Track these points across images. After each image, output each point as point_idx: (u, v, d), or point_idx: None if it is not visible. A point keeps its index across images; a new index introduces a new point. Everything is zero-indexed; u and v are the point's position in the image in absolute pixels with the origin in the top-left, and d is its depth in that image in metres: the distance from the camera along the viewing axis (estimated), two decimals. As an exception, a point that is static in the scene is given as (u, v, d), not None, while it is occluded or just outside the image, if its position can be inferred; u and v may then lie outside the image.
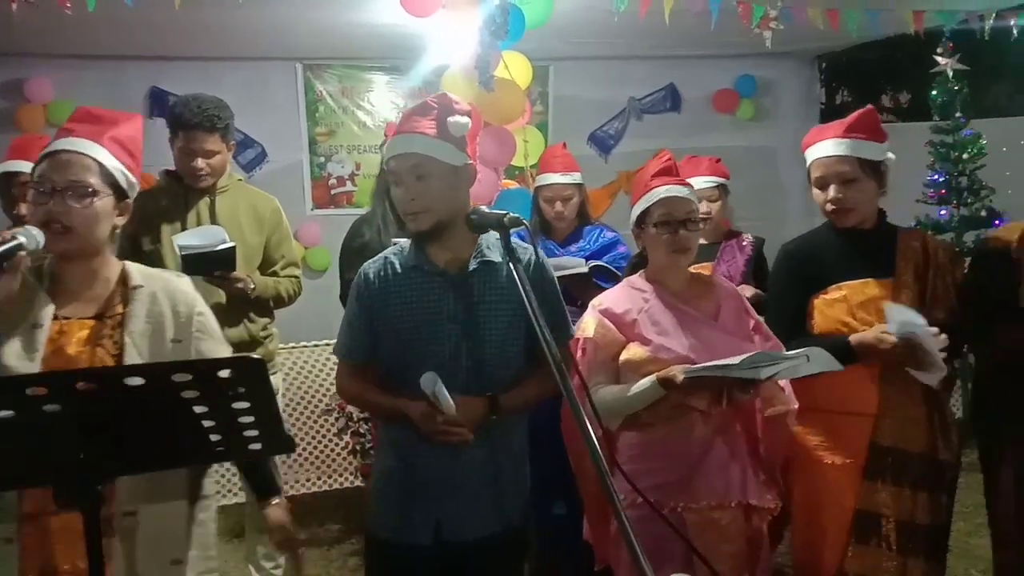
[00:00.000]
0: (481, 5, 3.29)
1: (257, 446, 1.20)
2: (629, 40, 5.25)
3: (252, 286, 2.85)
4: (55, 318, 1.58)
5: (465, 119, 1.88)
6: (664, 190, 2.09)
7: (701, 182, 3.26)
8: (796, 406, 2.13)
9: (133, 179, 1.68)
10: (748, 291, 3.06)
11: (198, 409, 1.11)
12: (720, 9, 4.05)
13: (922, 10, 4.64)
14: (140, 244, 2.81)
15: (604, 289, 2.50)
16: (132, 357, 1.59)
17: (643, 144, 6.26)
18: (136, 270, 1.70)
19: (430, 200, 1.85)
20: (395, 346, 1.92)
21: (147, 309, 1.65)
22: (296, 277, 3.08)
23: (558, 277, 2.87)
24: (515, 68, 3.70)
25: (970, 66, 5.14)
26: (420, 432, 1.83)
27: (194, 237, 2.67)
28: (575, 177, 3.21)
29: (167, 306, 1.68)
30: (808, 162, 2.26)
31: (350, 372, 2.03)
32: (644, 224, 2.12)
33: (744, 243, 3.31)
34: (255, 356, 1.14)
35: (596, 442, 1.22)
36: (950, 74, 4.90)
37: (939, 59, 4.92)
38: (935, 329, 2.02)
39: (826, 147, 2.20)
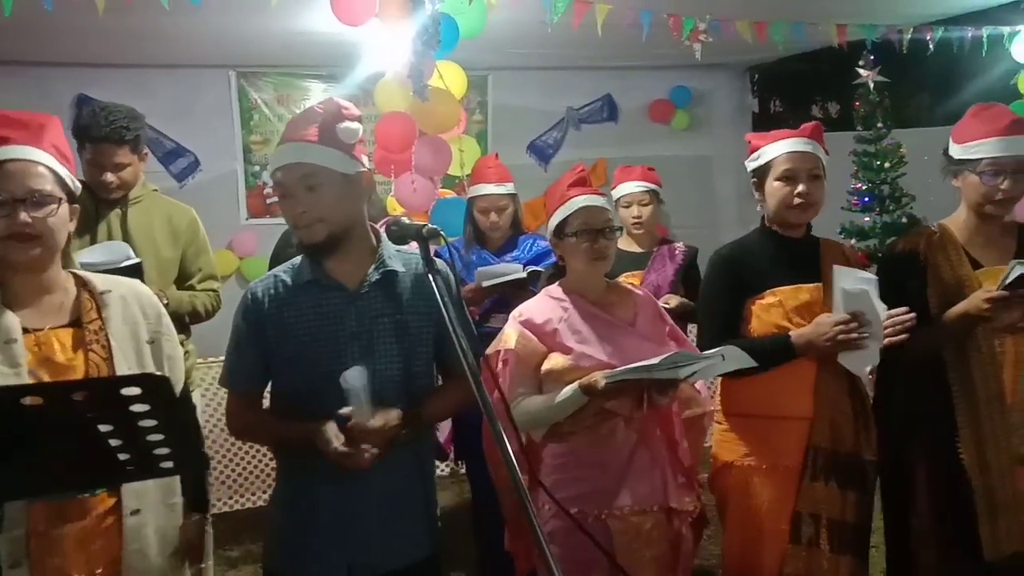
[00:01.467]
0: (413, 15, 3.29)
1: (169, 464, 1.18)
2: (566, 50, 5.31)
3: (165, 301, 2.74)
4: (24, 330, 1.54)
5: (356, 125, 1.79)
6: (583, 199, 2.12)
7: (633, 186, 3.32)
8: (711, 408, 2.18)
9: (76, 183, 1.65)
10: (674, 300, 3.10)
11: (103, 428, 1.09)
12: (651, 21, 4.14)
13: (845, 23, 4.82)
14: None
15: None
16: (120, 360, 1.59)
17: (581, 153, 6.34)
18: (92, 276, 1.69)
19: (322, 210, 1.74)
20: (293, 369, 1.80)
21: (122, 313, 1.64)
22: (214, 291, 2.97)
23: (497, 284, 2.92)
24: (450, 78, 3.72)
25: (892, 78, 5.34)
26: (326, 457, 1.69)
27: (97, 254, 2.53)
28: (509, 187, 3.22)
29: (137, 309, 1.67)
30: (769, 158, 2.26)
31: (241, 403, 1.89)
32: (563, 233, 2.13)
33: (676, 252, 3.35)
34: (159, 373, 1.12)
35: (511, 454, 1.23)
36: (871, 86, 5.08)
37: (861, 71, 5.10)
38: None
39: (796, 143, 2.25)
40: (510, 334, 2.09)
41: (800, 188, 2.20)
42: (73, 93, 4.92)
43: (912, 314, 2.09)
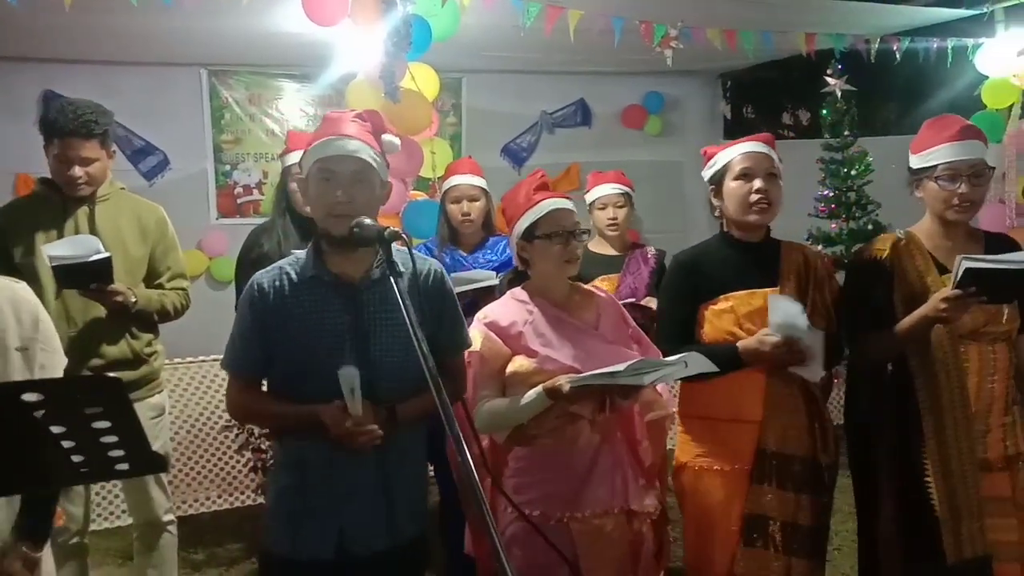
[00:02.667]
0: (385, 17, 3.28)
1: (124, 466, 1.16)
2: (539, 55, 5.34)
3: (133, 299, 2.71)
4: None
5: (397, 140, 1.94)
6: (551, 203, 2.14)
7: (608, 188, 3.36)
8: (673, 410, 2.20)
9: None
10: (655, 302, 3.12)
11: (56, 430, 1.08)
12: (623, 28, 4.17)
13: (813, 32, 4.89)
14: (11, 256, 2.66)
15: None
16: None
17: (555, 157, 6.38)
18: None
19: (361, 206, 1.82)
20: (291, 360, 1.88)
21: None
22: (183, 290, 2.95)
23: (468, 290, 2.92)
24: (422, 80, 3.71)
25: (859, 88, 5.42)
26: (329, 436, 1.78)
27: (65, 247, 2.52)
28: (481, 181, 3.23)
29: (10, 314, 1.64)
30: (725, 161, 2.30)
31: (241, 387, 1.97)
32: (533, 236, 2.14)
33: (648, 255, 3.38)
34: (112, 376, 1.11)
35: (469, 457, 1.24)
36: (839, 94, 5.16)
37: (829, 80, 5.17)
38: (819, 332, 2.13)
39: (752, 145, 2.30)
40: (475, 336, 2.11)
41: (758, 184, 2.24)
42: (40, 89, 4.84)
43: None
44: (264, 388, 2.00)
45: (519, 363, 2.06)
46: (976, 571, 2.16)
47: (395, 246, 1.70)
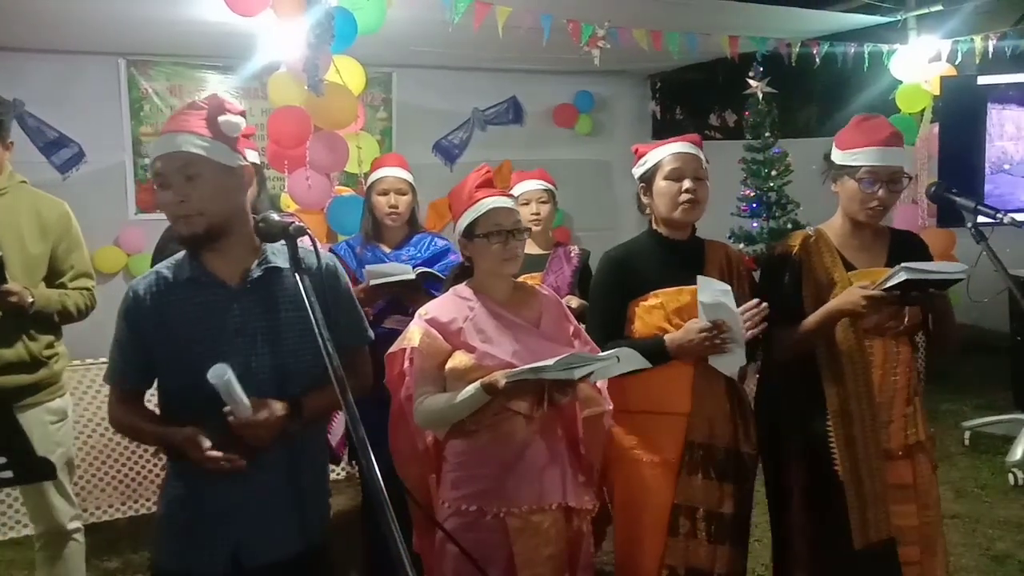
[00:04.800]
0: (308, 8, 3.23)
1: (8, 474, 1.11)
2: (470, 51, 5.32)
3: (30, 299, 2.58)
4: None
5: (238, 118, 1.78)
6: (492, 200, 2.13)
7: (532, 184, 3.35)
8: (611, 407, 2.22)
9: None
10: (575, 302, 3.14)
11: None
12: (551, 26, 4.19)
13: (736, 36, 5.01)
14: None
15: (434, 296, 2.50)
16: None
17: (488, 154, 6.37)
18: None
19: (202, 202, 1.71)
20: (175, 368, 1.77)
21: None
22: (88, 290, 2.81)
23: (385, 284, 2.88)
24: (347, 73, 3.66)
25: (780, 90, 5.58)
26: (192, 460, 1.68)
27: None
28: (409, 175, 3.18)
29: None
30: (655, 160, 2.32)
31: (122, 400, 1.85)
32: (473, 234, 2.13)
33: (571, 254, 3.39)
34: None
35: (371, 456, 1.21)
36: (760, 97, 5.30)
37: (751, 82, 5.31)
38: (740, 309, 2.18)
39: (681, 146, 2.33)
40: (415, 332, 2.09)
41: (687, 184, 2.28)
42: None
43: (764, 304, 2.19)
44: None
45: (458, 359, 2.05)
46: (882, 555, 2.24)
47: (300, 242, 1.63)
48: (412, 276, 2.86)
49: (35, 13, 4.01)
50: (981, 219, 2.21)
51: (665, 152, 2.33)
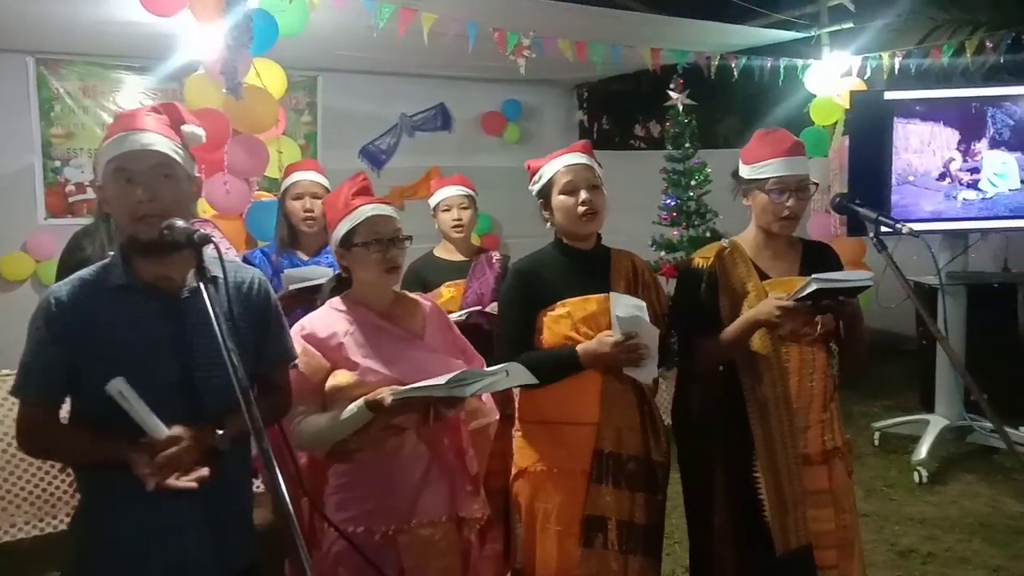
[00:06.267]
0: (227, 10, 3.16)
1: None
2: (397, 56, 5.30)
3: None
4: None
5: (200, 130, 1.77)
6: (370, 208, 2.06)
7: (453, 191, 3.32)
8: (497, 417, 2.21)
9: None
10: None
11: None
12: (477, 34, 4.21)
13: (658, 48, 5.12)
14: None
15: None
16: None
17: (416, 161, 6.37)
18: None
19: (168, 204, 1.65)
20: (98, 380, 1.63)
21: None
22: None
23: (305, 290, 2.82)
24: (268, 76, 3.60)
25: (700, 102, 5.72)
26: (139, 477, 1.59)
27: None
28: (325, 180, 3.12)
29: None
30: (549, 175, 2.34)
31: (37, 415, 1.70)
32: (350, 244, 2.06)
33: (494, 260, 3.40)
34: None
35: (279, 476, 1.19)
36: (681, 108, 5.42)
37: (672, 94, 5.43)
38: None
39: (572, 158, 2.35)
40: None
41: (583, 196, 2.30)
42: None
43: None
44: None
45: (339, 377, 1.98)
46: (800, 560, 2.29)
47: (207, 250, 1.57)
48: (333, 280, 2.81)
49: (-65, 7, 3.83)
50: (884, 229, 2.31)
51: (557, 166, 2.34)
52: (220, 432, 1.69)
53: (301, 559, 1.54)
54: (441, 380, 1.79)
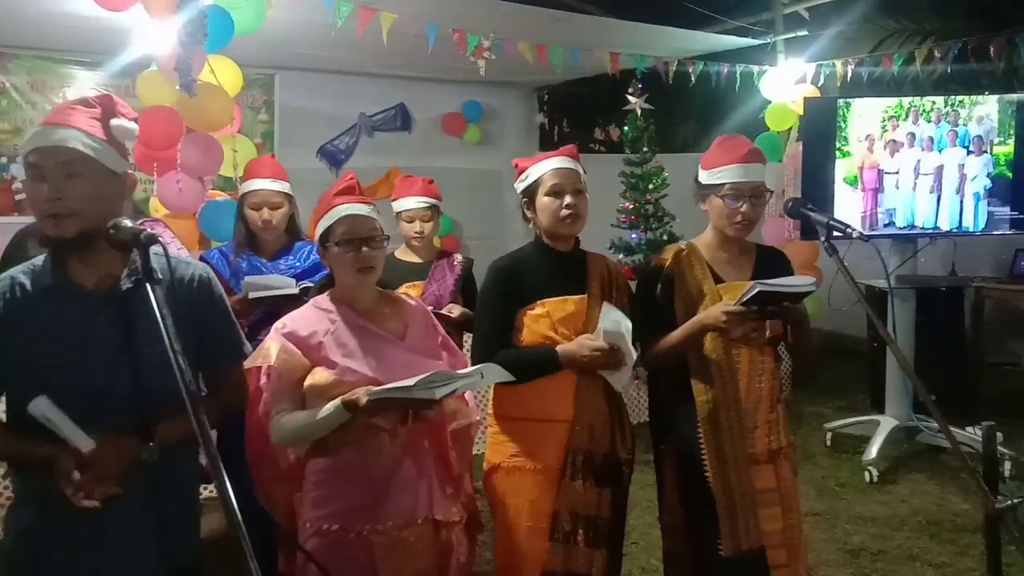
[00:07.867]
0: (181, 5, 3.11)
1: None
2: (356, 56, 5.27)
3: None
4: None
5: (133, 125, 1.70)
6: (346, 208, 2.05)
7: (414, 203, 3.29)
8: (478, 417, 2.22)
9: None
10: (456, 310, 3.14)
11: None
12: (437, 35, 4.19)
13: (618, 52, 5.17)
14: None
15: None
16: None
17: (375, 161, 6.32)
18: None
19: (78, 202, 1.60)
20: (28, 381, 1.62)
21: None
22: None
23: (265, 297, 2.77)
24: (223, 73, 3.55)
25: (658, 107, 5.78)
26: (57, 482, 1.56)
27: None
28: (284, 186, 3.04)
29: None
30: (536, 176, 2.36)
31: None
32: (328, 242, 2.07)
33: (454, 263, 3.39)
34: None
35: (223, 472, 1.17)
36: (639, 112, 5.47)
37: (630, 98, 5.48)
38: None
39: (560, 161, 2.38)
40: (271, 348, 1.99)
41: (568, 200, 2.33)
42: None
43: None
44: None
45: (318, 376, 1.96)
46: (752, 559, 2.33)
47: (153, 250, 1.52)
48: (295, 290, 2.75)
49: None
50: (835, 233, 2.36)
51: (545, 168, 2.37)
52: (150, 444, 1.65)
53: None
54: (411, 381, 1.78)
